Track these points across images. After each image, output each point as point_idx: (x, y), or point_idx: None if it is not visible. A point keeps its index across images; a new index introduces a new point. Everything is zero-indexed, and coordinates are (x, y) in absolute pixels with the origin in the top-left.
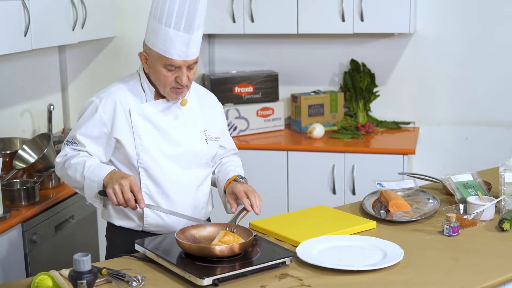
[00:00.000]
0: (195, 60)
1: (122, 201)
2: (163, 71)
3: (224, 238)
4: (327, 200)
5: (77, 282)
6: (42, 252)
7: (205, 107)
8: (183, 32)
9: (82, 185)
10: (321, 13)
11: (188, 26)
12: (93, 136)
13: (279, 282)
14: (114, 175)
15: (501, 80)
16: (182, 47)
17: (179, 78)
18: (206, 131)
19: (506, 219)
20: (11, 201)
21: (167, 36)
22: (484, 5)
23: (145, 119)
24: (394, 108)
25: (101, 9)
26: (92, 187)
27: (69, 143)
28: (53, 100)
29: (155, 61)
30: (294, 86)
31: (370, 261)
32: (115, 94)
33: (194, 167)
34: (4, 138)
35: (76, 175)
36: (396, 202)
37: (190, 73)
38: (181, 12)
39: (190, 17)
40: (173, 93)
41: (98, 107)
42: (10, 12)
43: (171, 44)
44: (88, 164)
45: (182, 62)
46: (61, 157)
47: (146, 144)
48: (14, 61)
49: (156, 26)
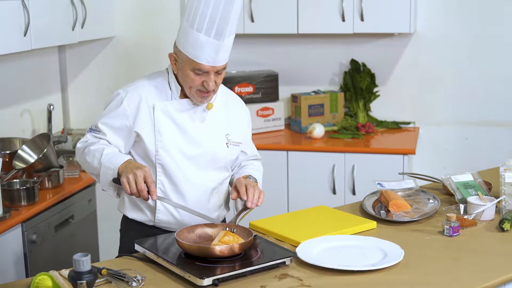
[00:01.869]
0: (223, 66)
1: (135, 190)
2: (191, 74)
3: (224, 238)
4: (327, 200)
5: (77, 282)
6: (42, 252)
7: (231, 111)
8: (213, 39)
9: (99, 171)
10: (321, 13)
11: (219, 33)
12: (114, 127)
13: (279, 282)
14: (129, 164)
15: (501, 80)
16: (212, 53)
17: (206, 82)
18: (228, 135)
19: (506, 219)
20: (11, 201)
21: (197, 41)
22: (484, 5)
23: (167, 116)
24: (394, 108)
25: (101, 9)
26: (107, 174)
27: (91, 131)
28: (53, 100)
29: (184, 63)
30: (294, 86)
31: (370, 261)
32: (142, 89)
33: (212, 169)
34: (4, 138)
35: (94, 161)
36: (396, 202)
37: (218, 78)
38: (213, 18)
39: (222, 24)
40: (198, 96)
41: (123, 100)
42: (10, 12)
43: (201, 49)
44: (106, 152)
45: (210, 67)
46: (82, 143)
47: (166, 141)
48: (14, 61)
49: (187, 30)
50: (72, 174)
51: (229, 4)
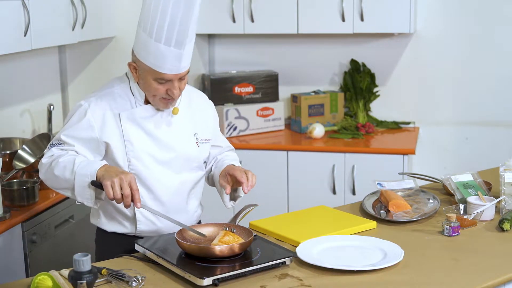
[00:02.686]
0: (186, 72)
1: (119, 195)
2: (153, 83)
3: (224, 238)
4: (327, 200)
5: (77, 282)
6: (42, 252)
7: (195, 109)
8: (174, 48)
9: (72, 183)
10: (321, 13)
11: (179, 42)
12: (81, 138)
13: (279, 282)
14: (110, 168)
15: (501, 80)
16: (174, 61)
17: (170, 90)
18: (197, 134)
19: (506, 219)
20: (11, 201)
21: (157, 51)
22: (484, 5)
23: (135, 124)
24: (394, 108)
25: (101, 9)
26: (84, 182)
27: (55, 145)
28: (53, 100)
29: (145, 73)
30: (294, 86)
31: (370, 261)
32: (105, 98)
33: (186, 171)
34: (4, 138)
35: (65, 173)
36: (396, 202)
37: (182, 83)
38: (172, 27)
39: (181, 33)
40: (162, 103)
41: (87, 111)
42: (10, 12)
43: (162, 59)
44: (79, 160)
45: (173, 75)
46: (47, 158)
47: (137, 150)
48: (14, 61)
49: (146, 40)
50: None
51: (188, 12)
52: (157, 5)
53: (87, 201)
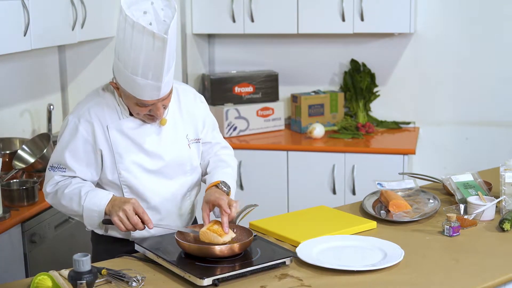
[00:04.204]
0: (169, 93)
1: (130, 226)
2: (136, 107)
3: (213, 227)
4: (327, 200)
5: (76, 282)
6: (41, 252)
7: (184, 107)
8: (151, 81)
9: (81, 214)
10: (321, 13)
11: (156, 76)
12: (80, 157)
13: (279, 282)
14: (115, 202)
15: (501, 80)
16: (154, 91)
17: (153, 111)
18: (188, 135)
19: (506, 219)
20: (11, 201)
21: (135, 83)
22: (485, 4)
23: (123, 135)
24: (394, 108)
25: (101, 9)
26: (93, 217)
27: (56, 169)
28: (53, 100)
29: (126, 96)
30: (294, 86)
31: (370, 261)
32: (92, 111)
33: (179, 176)
34: (4, 138)
35: (73, 205)
36: (396, 202)
37: (166, 101)
38: (147, 63)
39: (158, 68)
40: (148, 119)
41: (78, 126)
42: (10, 12)
43: (141, 89)
44: (84, 192)
45: (155, 100)
46: (51, 186)
47: (127, 162)
48: (14, 61)
49: (122, 70)
50: None
51: (162, 48)
52: (130, 42)
53: (96, 230)
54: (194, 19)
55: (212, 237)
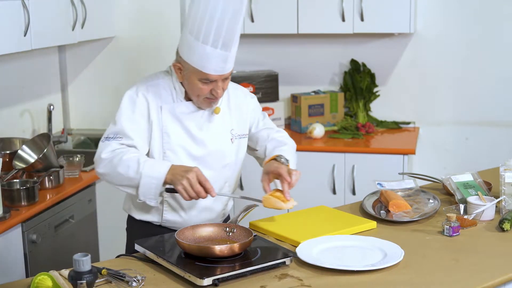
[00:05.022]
0: (230, 72)
1: (193, 195)
2: (198, 84)
3: (275, 193)
4: (327, 200)
5: (77, 282)
6: (42, 252)
7: (233, 104)
8: (220, 50)
9: (137, 182)
10: (321, 13)
11: (226, 44)
12: (137, 127)
13: (279, 282)
14: (175, 170)
15: (501, 80)
16: (219, 63)
17: (215, 90)
18: (233, 130)
19: (506, 219)
20: (11, 201)
21: (204, 53)
22: (484, 5)
23: (174, 118)
24: (394, 108)
25: (101, 9)
26: (151, 184)
27: (112, 139)
28: (53, 100)
29: (190, 73)
30: (294, 86)
31: (370, 261)
32: (151, 89)
33: (219, 167)
34: (4, 138)
35: (129, 172)
36: (396, 202)
37: (225, 83)
38: (219, 30)
39: (228, 36)
40: (206, 103)
41: (136, 100)
42: (10, 12)
43: (208, 60)
44: (143, 160)
45: (218, 76)
46: (108, 153)
47: (173, 143)
48: (14, 61)
49: (192, 42)
50: (72, 174)
51: (235, 16)
52: (205, 8)
53: (149, 200)
54: None
55: (275, 202)
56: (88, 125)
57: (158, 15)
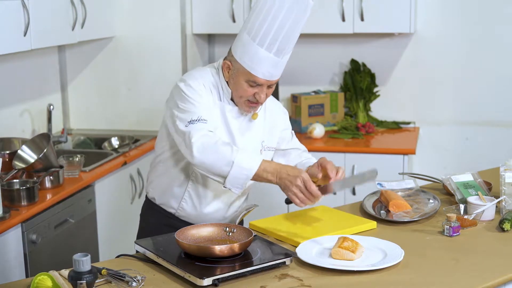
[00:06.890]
0: (277, 80)
1: (304, 199)
2: (244, 85)
3: (343, 244)
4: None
5: (76, 282)
6: (41, 252)
7: (268, 116)
8: (273, 55)
9: (227, 171)
10: (321, 13)
11: (280, 50)
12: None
13: (279, 282)
14: (282, 173)
15: (501, 80)
16: (270, 68)
17: (258, 95)
18: (264, 142)
19: (506, 219)
20: (11, 201)
21: (256, 55)
22: (484, 5)
23: (223, 117)
24: (394, 108)
25: (101, 9)
26: (241, 175)
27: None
28: (53, 100)
29: (238, 73)
30: (294, 86)
31: (370, 261)
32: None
33: None
34: (4, 138)
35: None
36: (396, 202)
37: (269, 91)
38: (277, 35)
39: (284, 42)
40: (246, 106)
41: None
42: (10, 12)
43: (259, 63)
44: (235, 149)
45: (265, 81)
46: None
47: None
48: (14, 61)
49: (247, 42)
50: (72, 174)
51: (295, 24)
52: (269, 11)
53: (235, 189)
54: (194, 19)
55: (345, 254)
56: (88, 125)
57: (158, 15)
